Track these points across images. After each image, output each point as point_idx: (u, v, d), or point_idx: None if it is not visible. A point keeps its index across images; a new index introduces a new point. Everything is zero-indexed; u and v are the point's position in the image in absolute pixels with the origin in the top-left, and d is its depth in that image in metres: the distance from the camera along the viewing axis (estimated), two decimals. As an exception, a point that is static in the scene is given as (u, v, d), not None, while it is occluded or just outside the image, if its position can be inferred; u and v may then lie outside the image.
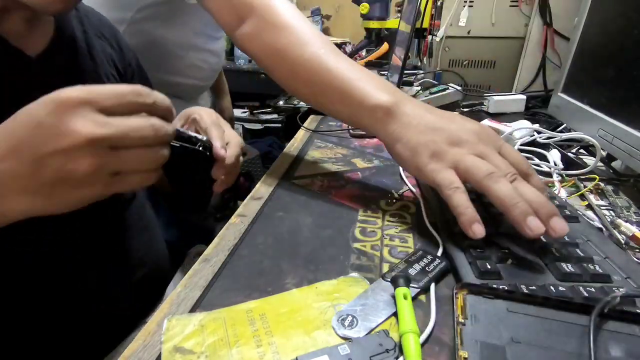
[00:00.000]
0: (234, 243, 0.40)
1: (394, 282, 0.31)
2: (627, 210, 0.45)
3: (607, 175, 0.54)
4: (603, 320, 0.26)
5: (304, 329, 0.29)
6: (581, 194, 0.48)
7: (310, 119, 0.88)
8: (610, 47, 0.55)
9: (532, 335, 0.25)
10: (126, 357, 0.28)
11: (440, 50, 1.02)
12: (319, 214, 0.45)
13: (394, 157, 0.42)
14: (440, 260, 0.35)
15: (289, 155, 0.63)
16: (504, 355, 0.24)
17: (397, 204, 0.47)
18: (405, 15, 1.08)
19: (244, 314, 0.30)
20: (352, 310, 0.30)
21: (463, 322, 0.26)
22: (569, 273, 0.31)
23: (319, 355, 0.26)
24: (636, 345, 0.25)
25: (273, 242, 0.40)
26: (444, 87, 0.88)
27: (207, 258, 0.38)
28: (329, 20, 2.79)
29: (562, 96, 0.65)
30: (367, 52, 1.85)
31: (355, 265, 0.36)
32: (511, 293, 0.28)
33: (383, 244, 0.40)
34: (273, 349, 0.27)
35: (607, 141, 0.50)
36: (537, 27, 0.90)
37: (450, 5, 0.98)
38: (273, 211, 0.46)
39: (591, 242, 0.36)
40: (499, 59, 0.99)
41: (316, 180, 0.54)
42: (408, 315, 0.28)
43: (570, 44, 0.64)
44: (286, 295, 0.32)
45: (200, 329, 0.29)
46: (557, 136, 0.55)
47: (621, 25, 0.53)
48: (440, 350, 0.27)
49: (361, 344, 0.27)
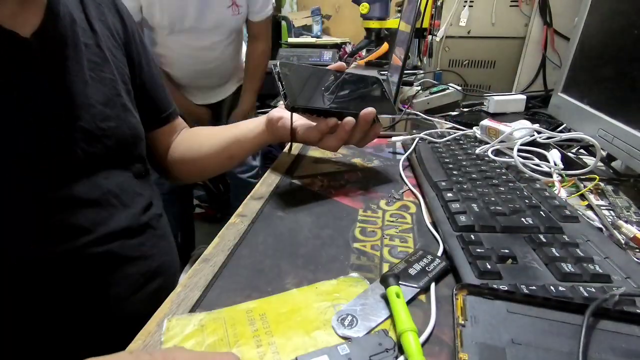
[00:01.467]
0: (234, 243, 0.40)
1: (383, 281, 0.31)
2: (627, 210, 0.45)
3: (607, 175, 0.54)
4: (602, 320, 0.26)
5: (304, 329, 0.29)
6: (581, 194, 0.48)
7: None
8: (610, 47, 0.55)
9: (532, 337, 0.25)
10: (126, 357, 0.28)
11: (440, 50, 1.02)
12: (319, 214, 0.45)
13: None
14: (440, 260, 0.35)
15: (289, 155, 0.63)
16: (504, 356, 0.24)
17: (397, 204, 0.47)
18: (405, 15, 1.08)
19: (244, 314, 0.30)
20: (352, 310, 0.30)
21: (463, 323, 0.26)
22: (569, 273, 0.31)
23: (319, 355, 0.26)
24: (635, 346, 0.25)
25: (273, 242, 0.40)
26: (444, 87, 0.88)
27: (207, 258, 0.38)
28: (329, 20, 2.79)
29: (562, 96, 0.65)
30: (367, 52, 1.85)
31: (355, 265, 0.36)
32: (511, 294, 0.28)
33: (383, 244, 0.40)
34: (273, 349, 0.27)
35: (607, 141, 0.50)
36: (537, 27, 0.90)
37: (450, 5, 0.98)
38: (273, 211, 0.46)
39: (591, 242, 0.36)
40: (499, 59, 0.99)
41: (316, 180, 0.54)
42: (403, 313, 0.28)
43: (570, 44, 0.64)
44: (286, 295, 0.32)
45: (200, 329, 0.29)
46: (557, 136, 0.55)
47: (621, 25, 0.53)
48: (440, 350, 0.27)
49: (361, 343, 0.27)
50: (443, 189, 0.45)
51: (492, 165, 0.52)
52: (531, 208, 0.40)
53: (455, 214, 0.40)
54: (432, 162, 0.54)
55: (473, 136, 0.64)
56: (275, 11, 2.62)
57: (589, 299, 0.28)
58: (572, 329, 0.25)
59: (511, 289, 0.30)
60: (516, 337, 0.25)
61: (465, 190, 0.45)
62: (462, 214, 0.40)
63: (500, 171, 0.50)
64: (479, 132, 0.62)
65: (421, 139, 0.63)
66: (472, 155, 0.56)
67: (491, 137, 0.59)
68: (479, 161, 0.54)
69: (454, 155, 0.56)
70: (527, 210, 0.40)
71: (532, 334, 0.25)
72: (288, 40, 2.40)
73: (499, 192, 0.44)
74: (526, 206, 0.41)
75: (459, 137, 0.64)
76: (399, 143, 0.66)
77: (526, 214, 0.40)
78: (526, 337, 0.25)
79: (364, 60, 1.69)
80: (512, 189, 0.45)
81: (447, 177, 0.49)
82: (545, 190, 0.45)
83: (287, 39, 2.46)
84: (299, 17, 2.65)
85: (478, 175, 0.49)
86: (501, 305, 0.28)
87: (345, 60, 2.04)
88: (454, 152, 0.57)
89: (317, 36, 2.57)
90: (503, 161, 0.53)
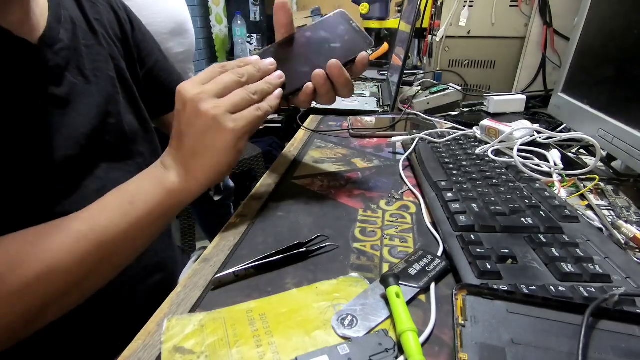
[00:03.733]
0: (234, 243, 0.40)
1: (383, 281, 0.31)
2: (627, 210, 0.45)
3: (607, 175, 0.54)
4: (602, 320, 0.26)
5: (304, 329, 0.29)
6: (581, 194, 0.48)
7: (310, 119, 0.88)
8: (610, 47, 0.55)
9: (533, 337, 0.25)
10: (126, 357, 0.28)
11: (440, 50, 1.02)
12: (319, 214, 0.45)
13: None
14: (440, 260, 0.35)
15: (289, 155, 0.63)
16: (504, 356, 0.24)
17: (397, 204, 0.47)
18: (405, 15, 1.08)
19: (244, 314, 0.30)
20: (351, 310, 0.30)
21: (463, 323, 0.26)
22: (569, 273, 0.31)
23: (319, 355, 0.26)
24: (635, 346, 0.25)
25: (273, 242, 0.40)
26: (444, 87, 0.88)
27: (207, 258, 0.38)
28: (329, 20, 2.79)
29: (562, 96, 0.65)
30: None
31: (355, 265, 0.36)
32: (511, 294, 0.28)
33: (383, 244, 0.40)
34: (273, 349, 0.27)
35: (607, 141, 0.50)
36: (537, 27, 0.90)
37: (450, 5, 0.98)
38: (273, 211, 0.46)
39: (591, 242, 0.36)
40: (499, 59, 0.99)
41: (316, 180, 0.54)
42: (403, 313, 0.28)
43: (570, 44, 0.64)
44: (286, 295, 0.32)
45: (200, 329, 0.29)
46: (557, 136, 0.55)
47: (621, 25, 0.53)
48: (440, 350, 0.27)
49: (361, 343, 0.27)
50: (443, 189, 0.45)
51: (492, 165, 0.52)
52: (531, 208, 0.40)
53: (455, 214, 0.40)
54: (432, 162, 0.54)
55: (473, 136, 0.64)
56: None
57: (589, 299, 0.28)
58: (572, 329, 0.25)
59: (511, 289, 0.30)
60: (516, 337, 0.25)
61: (465, 190, 0.45)
62: (462, 214, 0.40)
63: (500, 171, 0.50)
64: (479, 132, 0.62)
65: (421, 139, 0.63)
66: (472, 155, 0.56)
67: (491, 137, 0.59)
68: (479, 161, 0.54)
69: (454, 156, 0.56)
70: (527, 210, 0.40)
71: (532, 334, 0.25)
72: (288, 40, 2.40)
73: (499, 192, 0.44)
74: (526, 206, 0.41)
75: (459, 137, 0.64)
76: (399, 143, 0.66)
77: (526, 214, 0.40)
78: (526, 337, 0.25)
79: (364, 60, 1.69)
80: (512, 189, 0.45)
81: (447, 177, 0.49)
82: (545, 190, 0.45)
83: (287, 39, 2.46)
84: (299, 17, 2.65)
85: (478, 175, 0.49)
86: (501, 305, 0.28)
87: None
88: (454, 152, 0.57)
89: (317, 36, 2.56)
90: (503, 161, 0.53)
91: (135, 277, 0.52)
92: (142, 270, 0.53)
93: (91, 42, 0.50)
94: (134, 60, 0.58)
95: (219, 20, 2.71)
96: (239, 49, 2.36)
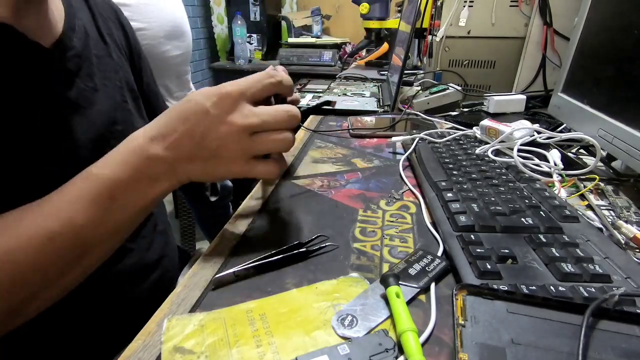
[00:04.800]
0: (234, 243, 0.40)
1: (383, 281, 0.31)
2: (627, 210, 0.45)
3: (607, 175, 0.54)
4: (602, 320, 0.26)
5: (304, 329, 0.29)
6: (581, 194, 0.48)
7: (310, 119, 0.88)
8: (610, 47, 0.55)
9: (533, 337, 0.25)
10: (126, 357, 0.28)
11: (440, 50, 1.02)
12: (319, 214, 0.45)
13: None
14: (440, 260, 0.35)
15: (289, 155, 0.63)
16: (504, 356, 0.24)
17: (397, 204, 0.47)
18: (405, 15, 1.08)
19: (244, 314, 0.30)
20: (351, 310, 0.30)
21: (463, 323, 0.26)
22: (569, 273, 0.31)
23: (319, 355, 0.26)
24: (635, 346, 0.25)
25: (273, 242, 0.40)
26: (444, 87, 0.88)
27: (207, 258, 0.38)
28: (329, 20, 2.80)
29: (562, 96, 0.65)
30: (367, 52, 1.86)
31: (355, 265, 0.36)
32: (511, 294, 0.28)
33: (383, 244, 0.40)
34: (273, 349, 0.27)
35: (607, 141, 0.50)
36: (537, 27, 0.90)
37: (450, 5, 0.98)
38: (273, 211, 0.46)
39: (591, 242, 0.36)
40: (499, 59, 0.99)
41: (316, 180, 0.54)
42: (403, 313, 0.28)
43: (570, 44, 0.64)
44: (286, 295, 0.32)
45: (200, 329, 0.29)
46: (557, 136, 0.55)
47: (621, 25, 0.53)
48: (440, 350, 0.27)
49: (361, 343, 0.27)
50: (443, 189, 0.45)
51: (492, 165, 0.52)
52: (531, 208, 0.40)
53: (455, 214, 0.40)
54: (432, 162, 0.54)
55: (473, 136, 0.64)
56: (275, 11, 2.62)
57: (589, 299, 0.28)
58: (572, 329, 0.25)
59: (511, 289, 0.30)
60: (516, 337, 0.25)
61: (465, 190, 0.45)
62: (462, 214, 0.40)
63: (500, 171, 0.50)
64: (479, 132, 0.62)
65: (421, 139, 0.63)
66: (472, 155, 0.56)
67: (491, 137, 0.59)
68: (479, 161, 0.54)
69: (454, 155, 0.56)
70: (527, 210, 0.40)
71: (532, 334, 0.25)
72: (288, 41, 2.41)
73: (499, 192, 0.44)
74: (526, 206, 0.41)
75: (459, 137, 0.64)
76: (399, 143, 0.66)
77: (526, 214, 0.40)
78: (526, 337, 0.25)
79: (364, 60, 1.69)
80: (512, 189, 0.45)
81: (447, 177, 0.49)
82: (545, 190, 0.45)
83: (287, 39, 2.47)
84: (299, 17, 2.65)
85: (478, 175, 0.49)
86: (501, 305, 0.28)
87: (345, 60, 2.04)
88: (454, 152, 0.57)
89: (317, 36, 2.57)
90: (503, 161, 0.53)
91: (135, 277, 0.53)
92: (142, 269, 0.54)
93: (102, 53, 0.51)
94: (136, 76, 0.60)
95: (220, 20, 2.71)
96: (239, 49, 2.37)
